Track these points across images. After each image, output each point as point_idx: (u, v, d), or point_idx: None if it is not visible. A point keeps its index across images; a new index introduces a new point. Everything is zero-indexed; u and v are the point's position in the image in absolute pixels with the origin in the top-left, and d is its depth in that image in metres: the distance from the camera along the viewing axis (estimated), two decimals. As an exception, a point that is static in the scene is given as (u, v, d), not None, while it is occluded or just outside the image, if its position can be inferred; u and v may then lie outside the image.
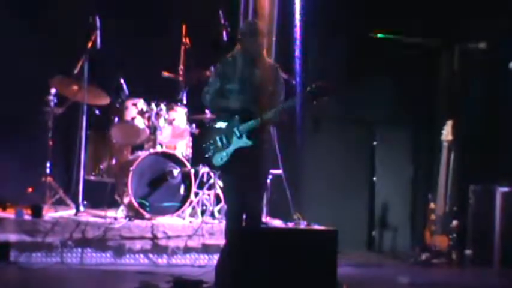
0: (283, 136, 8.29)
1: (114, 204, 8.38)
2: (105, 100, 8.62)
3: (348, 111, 9.88)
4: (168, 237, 7.89)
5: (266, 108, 6.37)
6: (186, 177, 8.28)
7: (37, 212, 7.76)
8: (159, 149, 8.45)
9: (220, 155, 6.51)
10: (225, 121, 6.53)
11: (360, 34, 9.49)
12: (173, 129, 8.58)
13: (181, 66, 8.88)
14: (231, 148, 6.49)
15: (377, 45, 9.48)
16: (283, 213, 8.79)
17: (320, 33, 9.48)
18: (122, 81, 8.61)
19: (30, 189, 8.32)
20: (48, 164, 8.34)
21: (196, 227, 8.01)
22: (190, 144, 8.72)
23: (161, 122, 8.52)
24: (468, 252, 8.73)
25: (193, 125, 8.68)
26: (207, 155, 6.58)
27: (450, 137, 8.94)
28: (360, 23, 9.53)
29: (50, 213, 7.96)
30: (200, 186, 8.52)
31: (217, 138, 6.54)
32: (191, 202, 8.34)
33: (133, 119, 8.47)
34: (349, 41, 9.58)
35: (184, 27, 8.93)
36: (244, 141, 6.45)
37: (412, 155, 10.10)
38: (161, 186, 8.23)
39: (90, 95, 8.37)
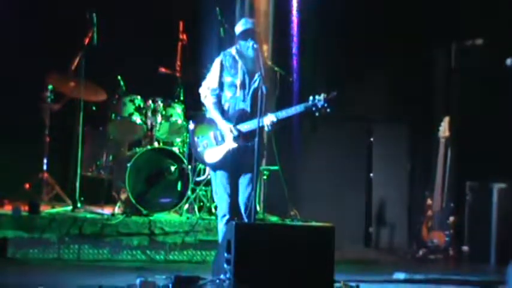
0: (281, 133, 8.29)
1: (111, 201, 8.39)
2: (102, 96, 8.62)
3: (346, 108, 9.88)
4: (165, 234, 7.89)
5: (263, 108, 6.33)
6: (183, 174, 8.29)
7: (34, 208, 7.76)
8: (156, 145, 8.45)
9: (214, 152, 6.50)
10: (221, 118, 6.54)
11: (357, 32, 9.52)
12: (170, 126, 8.58)
13: (178, 63, 8.88)
14: (226, 147, 6.48)
15: (375, 42, 9.50)
16: (280, 210, 8.79)
17: (317, 31, 9.48)
18: (118, 77, 8.61)
19: (27, 186, 8.32)
20: (45, 161, 8.34)
21: (193, 223, 8.02)
22: (188, 140, 8.73)
23: (158, 118, 8.52)
24: (465, 248, 8.76)
25: (191, 121, 8.68)
26: (198, 149, 6.59)
27: (447, 134, 8.96)
28: (357, 21, 9.53)
29: (47, 210, 7.97)
30: (197, 182, 8.53)
31: (212, 134, 6.53)
32: (188, 198, 8.35)
33: (130, 115, 8.47)
34: (346, 39, 9.57)
35: (181, 23, 8.93)
36: (241, 142, 6.43)
37: (409, 151, 10.12)
38: (158, 183, 8.22)
39: (87, 91, 8.37)
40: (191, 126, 6.81)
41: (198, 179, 8.45)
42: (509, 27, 8.91)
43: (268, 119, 6.35)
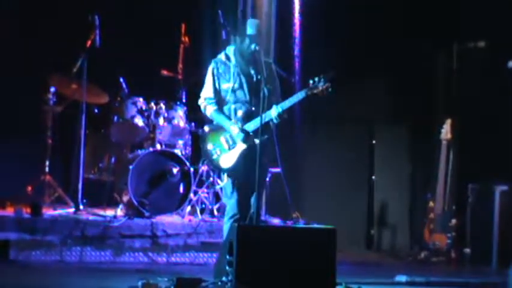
0: (283, 134, 8.29)
1: (113, 203, 8.39)
2: (104, 99, 8.63)
3: (347, 110, 9.89)
4: (167, 236, 7.90)
5: (265, 106, 6.34)
6: (185, 176, 8.29)
7: (36, 211, 7.77)
8: (158, 147, 8.46)
9: (228, 157, 6.49)
10: (227, 121, 6.54)
11: (359, 32, 9.52)
12: (172, 128, 8.59)
13: (181, 65, 8.89)
14: (238, 149, 6.47)
15: (376, 44, 9.50)
16: (282, 212, 8.80)
17: (319, 32, 9.48)
18: (121, 79, 8.63)
19: (29, 188, 8.33)
20: (47, 163, 8.35)
21: (195, 225, 8.02)
22: (190, 142, 8.74)
23: (160, 120, 8.54)
24: (467, 250, 8.74)
25: (193, 124, 8.70)
26: (213, 157, 6.56)
27: (449, 136, 8.96)
28: (359, 22, 9.53)
29: (49, 212, 7.97)
30: (199, 184, 8.54)
31: (223, 139, 6.52)
32: (190, 200, 8.36)
33: (132, 117, 8.48)
34: (348, 40, 9.57)
35: (183, 25, 8.94)
36: (251, 141, 6.42)
37: (411, 153, 10.11)
38: (160, 185, 8.23)
39: (89, 93, 8.38)
40: (203, 133, 6.73)
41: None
42: (511, 29, 8.91)
43: (274, 111, 6.37)
